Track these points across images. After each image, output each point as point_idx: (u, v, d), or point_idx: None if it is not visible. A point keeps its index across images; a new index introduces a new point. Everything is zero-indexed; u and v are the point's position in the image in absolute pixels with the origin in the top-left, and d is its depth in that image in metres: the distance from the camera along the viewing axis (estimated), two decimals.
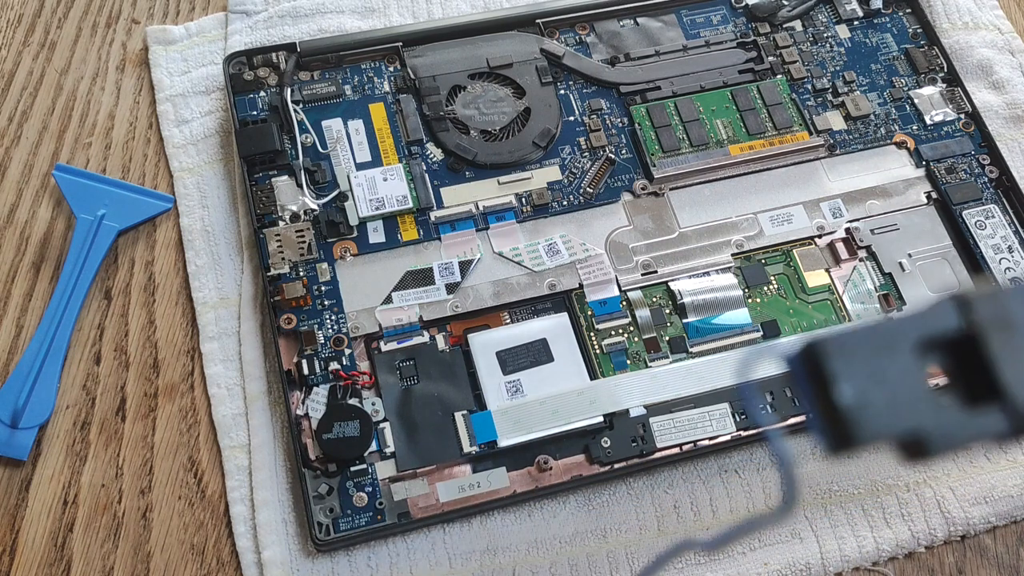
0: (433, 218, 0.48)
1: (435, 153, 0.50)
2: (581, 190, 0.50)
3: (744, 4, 0.57)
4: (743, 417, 0.44)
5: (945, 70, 0.55)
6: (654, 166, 0.51)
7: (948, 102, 0.54)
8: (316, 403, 0.44)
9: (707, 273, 0.48)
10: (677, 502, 0.44)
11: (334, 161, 0.50)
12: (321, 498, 0.42)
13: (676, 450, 0.44)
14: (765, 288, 0.48)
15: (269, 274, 0.46)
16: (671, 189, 0.50)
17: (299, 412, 0.44)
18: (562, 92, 0.53)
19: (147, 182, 0.51)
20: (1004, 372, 0.21)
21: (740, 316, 0.47)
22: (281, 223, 0.48)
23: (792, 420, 0.44)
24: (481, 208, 0.49)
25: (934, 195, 0.51)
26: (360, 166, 0.50)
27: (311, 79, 0.52)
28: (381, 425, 0.43)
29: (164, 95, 0.53)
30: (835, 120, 0.53)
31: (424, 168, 0.50)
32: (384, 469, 0.43)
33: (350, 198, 0.48)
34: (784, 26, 0.56)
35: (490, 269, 0.48)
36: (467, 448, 0.43)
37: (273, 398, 0.45)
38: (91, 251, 0.48)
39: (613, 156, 0.51)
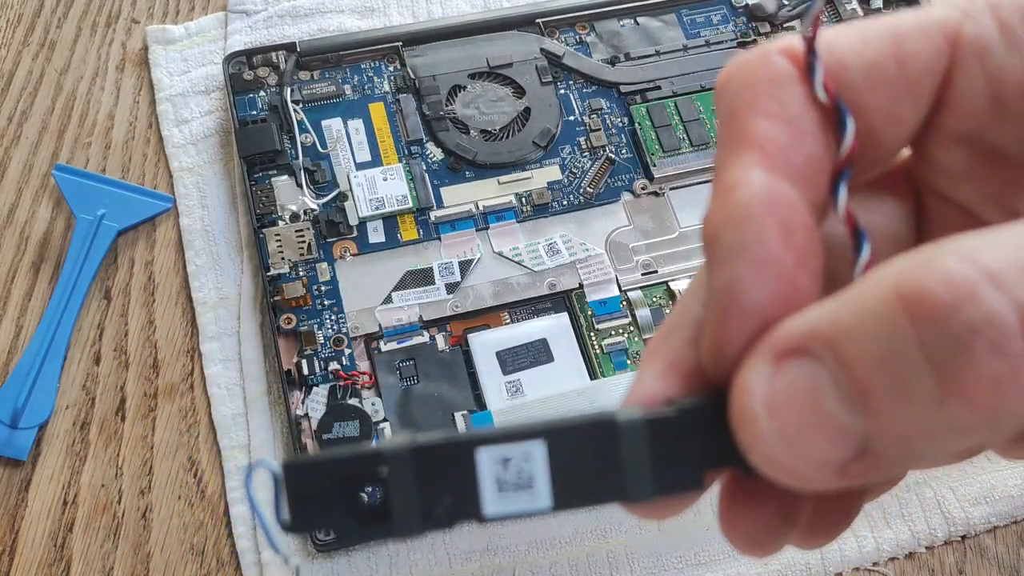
0: (433, 218, 0.48)
1: (435, 153, 0.50)
2: (581, 190, 0.50)
3: (744, 4, 0.57)
4: None
5: None
6: (654, 166, 0.51)
7: None
8: (316, 403, 0.44)
9: None
10: None
11: (334, 161, 0.50)
12: None
13: None
14: None
15: (269, 274, 0.46)
16: (671, 189, 0.50)
17: (299, 412, 0.44)
18: (562, 92, 0.53)
19: (147, 182, 0.51)
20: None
21: None
22: (281, 223, 0.48)
23: None
24: (481, 208, 0.49)
25: None
26: (360, 166, 0.50)
27: (311, 79, 0.52)
28: (381, 425, 0.43)
29: (164, 95, 0.53)
30: None
31: (424, 168, 0.50)
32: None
33: (350, 198, 0.48)
34: (784, 26, 0.56)
35: (490, 269, 0.48)
36: None
37: (273, 398, 0.45)
38: (91, 251, 0.48)
39: (613, 156, 0.51)
